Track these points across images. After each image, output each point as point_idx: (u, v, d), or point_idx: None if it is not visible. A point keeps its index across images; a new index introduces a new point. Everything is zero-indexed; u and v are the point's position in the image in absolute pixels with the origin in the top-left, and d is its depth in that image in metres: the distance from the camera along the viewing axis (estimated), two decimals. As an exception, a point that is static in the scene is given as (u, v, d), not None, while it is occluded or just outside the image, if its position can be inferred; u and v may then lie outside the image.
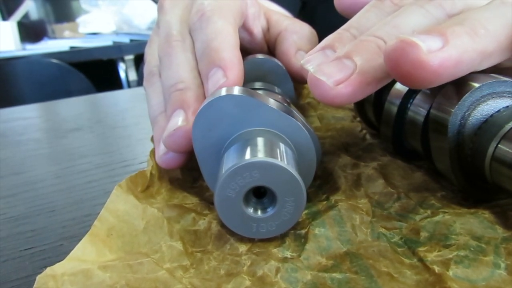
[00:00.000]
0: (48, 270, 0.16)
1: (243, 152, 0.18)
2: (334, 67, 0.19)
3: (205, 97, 0.24)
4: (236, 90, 0.20)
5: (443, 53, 0.16)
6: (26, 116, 0.52)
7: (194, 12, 0.27)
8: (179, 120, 0.23)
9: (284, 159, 0.18)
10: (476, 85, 0.19)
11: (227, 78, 0.23)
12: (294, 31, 0.32)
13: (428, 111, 0.21)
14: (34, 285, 0.16)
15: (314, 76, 0.19)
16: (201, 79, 0.25)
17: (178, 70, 0.26)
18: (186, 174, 0.25)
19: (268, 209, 0.18)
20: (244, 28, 0.32)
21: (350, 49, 0.19)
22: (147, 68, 0.30)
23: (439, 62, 0.16)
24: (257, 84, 0.28)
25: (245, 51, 0.33)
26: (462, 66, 0.17)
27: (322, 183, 0.24)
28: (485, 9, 0.18)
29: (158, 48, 0.29)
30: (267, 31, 0.34)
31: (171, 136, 0.22)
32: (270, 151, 0.18)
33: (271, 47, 0.34)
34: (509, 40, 0.18)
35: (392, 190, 0.22)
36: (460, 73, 0.17)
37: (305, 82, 0.20)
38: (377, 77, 0.19)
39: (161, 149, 0.24)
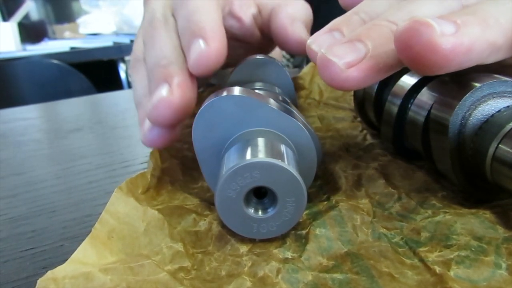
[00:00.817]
0: (49, 273, 0.16)
1: (243, 153, 0.18)
2: (346, 49, 0.18)
3: (189, 71, 0.24)
4: (237, 91, 0.20)
5: (455, 38, 0.16)
6: (27, 117, 0.52)
7: None
8: (163, 92, 0.22)
9: (284, 159, 0.18)
10: (477, 85, 0.19)
11: (208, 46, 0.23)
12: (287, 4, 0.32)
13: (429, 111, 0.21)
14: (35, 288, 0.16)
15: (325, 57, 0.18)
16: (185, 54, 0.25)
17: (161, 48, 0.25)
18: (187, 175, 0.25)
19: (269, 210, 0.18)
20: (232, 15, 0.31)
21: (363, 32, 0.19)
22: (132, 56, 0.30)
23: (451, 47, 0.16)
24: (257, 85, 0.28)
25: (236, 39, 0.33)
26: (472, 55, 0.16)
27: (322, 183, 0.24)
28: (498, 3, 0.18)
29: (142, 34, 0.28)
30: (258, 15, 0.33)
31: (156, 108, 0.22)
32: (271, 152, 0.18)
33: (265, 30, 0.33)
34: None
35: (393, 190, 0.22)
36: (469, 63, 0.17)
37: (304, 53, 0.20)
38: (389, 63, 0.18)
39: (146, 127, 0.23)
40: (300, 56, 0.31)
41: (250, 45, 0.34)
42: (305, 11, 0.32)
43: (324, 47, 0.19)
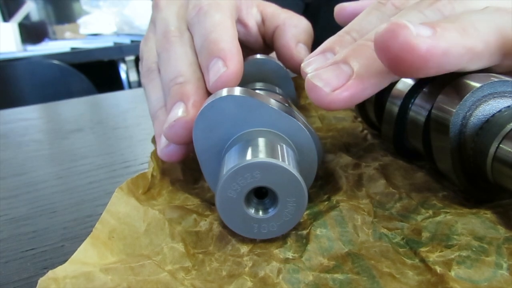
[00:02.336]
0: (50, 273, 0.16)
1: (244, 153, 0.18)
2: (331, 73, 0.19)
3: (205, 90, 0.24)
4: (237, 91, 0.20)
5: (431, 40, 0.16)
6: (27, 117, 0.52)
7: (191, 7, 0.28)
8: (179, 112, 0.23)
9: (285, 159, 0.18)
10: (478, 85, 0.19)
11: (228, 68, 0.23)
12: (293, 25, 0.33)
13: (430, 111, 0.21)
14: (36, 288, 0.16)
15: (311, 81, 0.19)
16: (201, 72, 0.25)
17: (177, 64, 0.26)
18: (187, 175, 0.25)
19: (270, 210, 0.18)
20: (238, 21, 0.32)
21: (348, 53, 0.19)
22: (145, 65, 0.30)
23: (427, 48, 0.16)
24: (258, 85, 0.28)
25: (241, 44, 0.33)
26: (449, 58, 0.17)
27: (323, 184, 0.24)
28: (477, 12, 0.19)
29: (156, 44, 0.29)
30: (261, 24, 0.34)
31: (172, 127, 0.22)
32: (271, 152, 0.18)
33: (267, 41, 0.34)
34: (498, 45, 0.18)
35: (393, 190, 0.22)
36: (447, 66, 0.17)
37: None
38: (374, 82, 0.19)
39: (162, 142, 0.24)
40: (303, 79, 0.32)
41: (251, 49, 0.35)
42: (307, 31, 0.33)
43: (311, 71, 0.20)
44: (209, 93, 0.24)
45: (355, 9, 0.28)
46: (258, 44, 0.35)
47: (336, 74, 0.19)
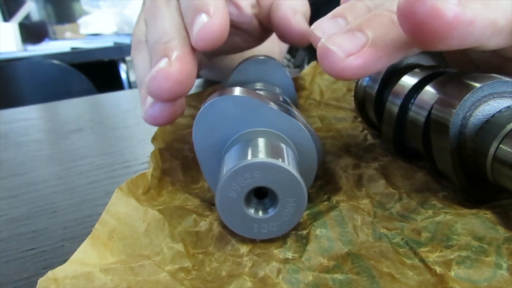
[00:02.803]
0: (50, 274, 0.16)
1: (244, 153, 0.18)
2: (345, 38, 0.18)
3: (190, 47, 0.24)
4: (237, 91, 0.20)
5: (458, 8, 0.16)
6: (27, 117, 0.52)
7: None
8: (161, 64, 0.22)
9: (285, 159, 0.18)
10: (477, 85, 0.19)
11: (212, 19, 0.23)
12: None
13: (430, 111, 0.21)
14: (36, 288, 0.16)
15: (325, 46, 0.18)
16: (187, 32, 0.25)
17: (163, 25, 0.25)
18: (187, 175, 0.25)
19: (269, 210, 0.18)
20: (231, 2, 0.32)
21: (363, 22, 0.19)
22: (134, 39, 0.30)
23: (454, 15, 0.16)
24: (258, 85, 0.28)
25: (234, 26, 0.33)
26: (473, 29, 0.16)
27: (323, 184, 0.24)
28: None
29: (144, 14, 0.28)
30: (256, 4, 0.33)
31: (154, 79, 0.22)
32: (271, 152, 0.18)
33: (264, 21, 0.34)
34: None
35: (393, 190, 0.22)
36: (470, 39, 0.17)
37: (305, 44, 0.20)
38: (389, 52, 0.18)
39: (147, 104, 0.24)
40: (301, 46, 0.31)
41: (246, 33, 0.34)
42: (305, 4, 0.33)
43: (325, 36, 0.19)
44: (194, 50, 0.24)
45: None
46: (252, 26, 0.34)
47: (351, 39, 0.18)
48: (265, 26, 0.34)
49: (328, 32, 0.20)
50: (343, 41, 0.18)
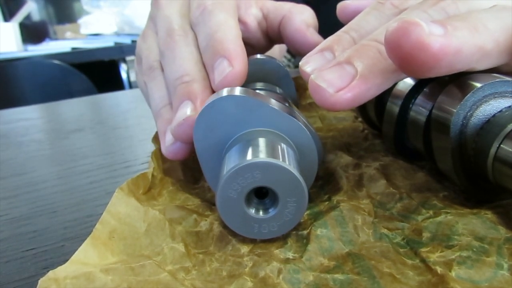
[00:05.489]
0: (50, 274, 0.16)
1: (244, 153, 0.18)
2: (334, 73, 0.19)
3: (211, 89, 0.25)
4: (238, 91, 0.20)
5: (444, 39, 0.16)
6: (28, 117, 0.52)
7: (195, 6, 0.28)
8: (187, 110, 0.23)
9: (285, 159, 0.18)
10: (478, 85, 0.19)
11: (233, 67, 0.24)
12: (299, 12, 0.33)
13: (430, 111, 0.21)
14: (36, 288, 0.16)
15: (315, 82, 0.19)
16: (206, 71, 0.25)
17: (183, 63, 0.26)
18: (188, 175, 0.25)
19: (270, 210, 0.18)
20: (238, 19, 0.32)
21: (351, 53, 0.19)
22: (146, 62, 0.30)
23: (439, 46, 0.16)
24: (259, 85, 0.28)
25: None
26: (460, 57, 0.17)
27: (324, 184, 0.24)
28: (486, 11, 0.19)
29: (159, 42, 0.29)
30: (263, 19, 0.35)
31: (181, 125, 0.23)
32: (272, 152, 0.18)
33: (272, 34, 0.35)
34: (508, 43, 0.18)
35: (394, 190, 0.22)
36: (458, 66, 0.17)
37: None
38: (378, 82, 0.19)
39: (167, 140, 0.24)
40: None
41: (250, 45, 0.35)
42: (314, 18, 0.34)
43: (315, 71, 0.20)
44: (214, 92, 0.24)
45: (357, 7, 0.28)
46: (257, 40, 0.35)
47: (340, 74, 0.19)
48: (270, 39, 0.35)
49: (317, 67, 0.21)
50: (332, 76, 0.19)
